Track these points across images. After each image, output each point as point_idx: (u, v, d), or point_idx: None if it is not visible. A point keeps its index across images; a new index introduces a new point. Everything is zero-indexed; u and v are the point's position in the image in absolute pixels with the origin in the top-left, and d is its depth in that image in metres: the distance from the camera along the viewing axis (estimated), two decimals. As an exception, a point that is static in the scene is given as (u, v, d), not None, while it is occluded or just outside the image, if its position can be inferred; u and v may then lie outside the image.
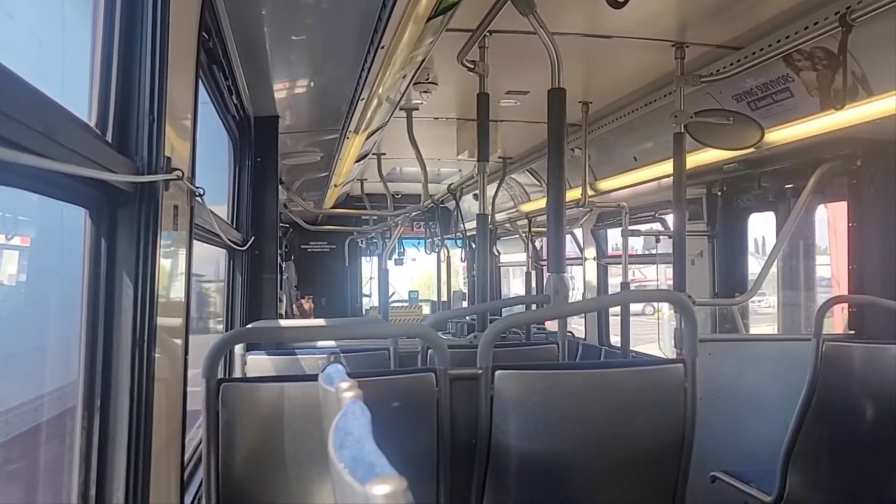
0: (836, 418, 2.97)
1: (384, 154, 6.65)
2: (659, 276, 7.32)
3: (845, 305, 3.91)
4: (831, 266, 5.67)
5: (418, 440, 2.14)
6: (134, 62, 1.61)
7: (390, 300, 9.22)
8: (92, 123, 1.53)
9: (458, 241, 10.01)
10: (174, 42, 1.69)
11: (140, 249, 1.57)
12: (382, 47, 2.81)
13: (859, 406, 2.94)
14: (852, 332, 3.79)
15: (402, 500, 0.67)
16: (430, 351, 2.52)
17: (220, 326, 4.12)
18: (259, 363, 3.22)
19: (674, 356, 3.67)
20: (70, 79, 1.61)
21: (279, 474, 2.08)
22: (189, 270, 2.01)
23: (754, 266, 5.09)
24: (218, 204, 3.95)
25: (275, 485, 2.08)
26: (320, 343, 3.52)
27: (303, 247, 11.10)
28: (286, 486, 2.08)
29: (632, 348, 5.37)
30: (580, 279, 7.29)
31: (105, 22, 1.58)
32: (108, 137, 1.56)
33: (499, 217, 8.12)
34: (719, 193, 4.96)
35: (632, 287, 6.14)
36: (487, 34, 3.41)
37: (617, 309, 5.60)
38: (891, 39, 2.84)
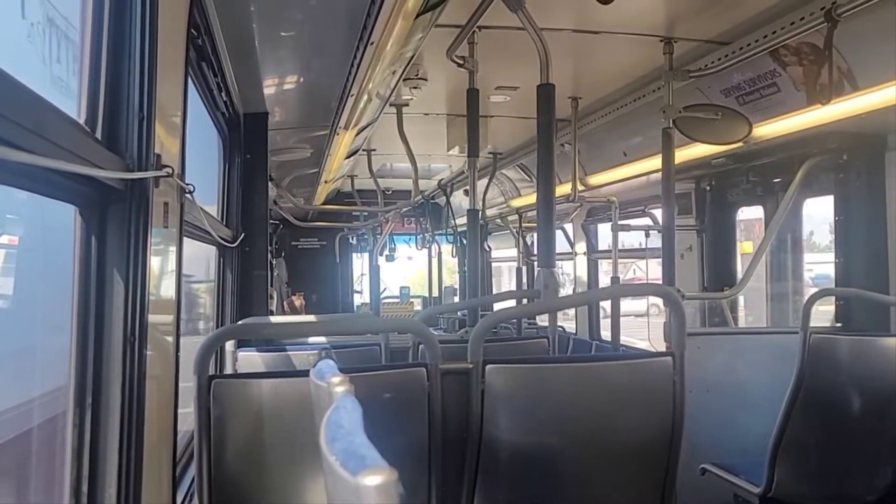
0: (824, 410, 3.00)
1: (374, 150, 6.64)
2: (654, 272, 7.34)
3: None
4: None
5: (410, 434, 2.15)
6: (123, 59, 1.60)
7: (382, 297, 9.21)
8: (81, 121, 1.53)
9: (450, 237, 10.02)
10: (163, 39, 1.69)
11: (130, 247, 1.57)
12: (372, 43, 2.81)
13: (846, 398, 2.98)
14: (839, 324, 3.82)
15: (392, 491, 0.68)
16: (421, 346, 2.53)
17: (207, 325, 4.11)
18: (250, 360, 3.22)
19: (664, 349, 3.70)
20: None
21: (271, 469, 2.09)
22: (179, 268, 2.01)
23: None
24: (208, 202, 3.94)
25: (267, 480, 2.09)
26: (311, 339, 3.52)
27: (293, 243, 11.07)
28: (278, 481, 2.09)
29: (631, 344, 5.40)
30: (571, 274, 7.32)
31: (94, 19, 1.57)
32: (98, 135, 1.56)
33: (489, 212, 8.12)
34: (708, 188, 4.99)
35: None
36: (476, 30, 3.41)
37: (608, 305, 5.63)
38: (876, 34, 2.86)
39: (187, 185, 2.00)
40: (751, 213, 4.95)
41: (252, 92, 4.01)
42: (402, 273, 12.87)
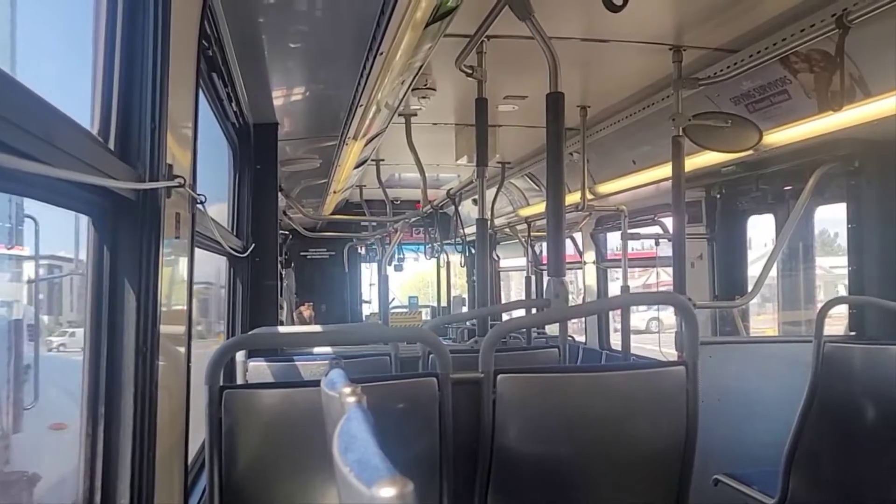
0: (838, 419, 2.97)
1: (383, 160, 6.66)
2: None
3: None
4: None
5: (421, 444, 2.14)
6: (135, 70, 1.61)
7: (390, 306, 9.20)
8: (94, 131, 1.54)
9: (458, 247, 10.02)
10: (174, 50, 1.70)
11: (143, 257, 1.57)
12: (381, 53, 2.82)
13: (861, 407, 2.94)
14: (853, 333, 3.79)
15: (409, 502, 0.67)
16: (431, 356, 2.52)
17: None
18: (260, 370, 3.22)
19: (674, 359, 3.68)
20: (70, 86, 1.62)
21: (282, 479, 2.08)
22: (191, 278, 2.02)
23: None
24: (219, 213, 3.96)
25: (278, 490, 2.08)
26: (320, 350, 3.52)
27: (302, 254, 11.08)
28: (289, 491, 2.08)
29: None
30: (581, 283, 7.29)
31: (107, 30, 1.59)
32: (111, 145, 1.56)
33: (498, 222, 8.12)
34: (718, 196, 4.97)
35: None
36: (485, 39, 3.42)
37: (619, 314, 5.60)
38: (888, 41, 2.85)
39: (199, 195, 2.01)
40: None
41: (262, 102, 4.03)
42: (399, 279, 12.74)
